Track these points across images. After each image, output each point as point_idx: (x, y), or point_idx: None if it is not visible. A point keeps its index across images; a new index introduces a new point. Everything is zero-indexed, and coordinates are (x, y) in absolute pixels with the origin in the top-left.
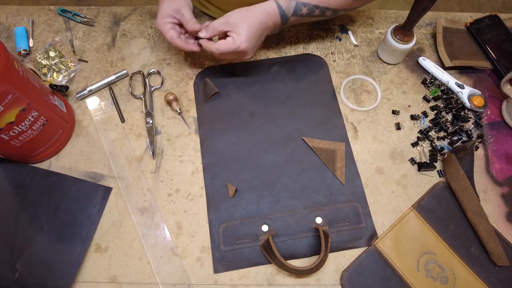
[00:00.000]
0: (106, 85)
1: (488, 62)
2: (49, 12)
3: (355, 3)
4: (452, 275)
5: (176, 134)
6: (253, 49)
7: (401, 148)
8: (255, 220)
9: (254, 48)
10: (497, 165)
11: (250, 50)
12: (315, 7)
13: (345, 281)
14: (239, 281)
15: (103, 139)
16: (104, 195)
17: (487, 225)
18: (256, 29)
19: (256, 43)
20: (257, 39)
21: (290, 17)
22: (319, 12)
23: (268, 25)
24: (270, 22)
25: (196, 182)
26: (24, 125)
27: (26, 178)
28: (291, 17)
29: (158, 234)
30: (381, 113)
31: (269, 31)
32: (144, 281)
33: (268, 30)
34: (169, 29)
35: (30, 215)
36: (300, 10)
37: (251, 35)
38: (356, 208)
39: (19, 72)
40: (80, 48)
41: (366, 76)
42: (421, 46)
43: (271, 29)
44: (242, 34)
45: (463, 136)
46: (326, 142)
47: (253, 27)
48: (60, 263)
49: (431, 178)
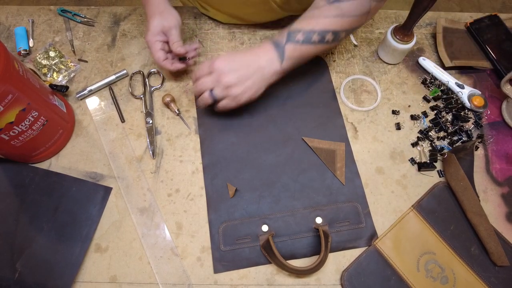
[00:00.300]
0: (106, 85)
1: (488, 62)
2: (49, 12)
3: (355, 22)
4: (452, 275)
5: (176, 134)
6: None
7: (401, 148)
8: (255, 220)
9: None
10: (497, 165)
11: (226, 71)
12: (311, 32)
13: (345, 281)
14: (239, 281)
15: (103, 139)
16: (104, 195)
17: (487, 225)
18: (239, 54)
19: (242, 74)
20: (245, 69)
21: (285, 44)
22: (318, 37)
23: (259, 56)
24: (261, 52)
25: (196, 182)
26: (24, 125)
27: (26, 178)
28: (286, 44)
29: (158, 234)
30: (381, 113)
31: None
32: (144, 281)
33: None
34: (158, 50)
35: (30, 215)
36: (294, 37)
37: (230, 57)
38: (356, 208)
39: (19, 72)
40: (80, 48)
41: (366, 76)
42: (421, 46)
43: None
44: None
45: (463, 136)
46: (326, 142)
47: (235, 52)
48: (60, 263)
49: (431, 178)
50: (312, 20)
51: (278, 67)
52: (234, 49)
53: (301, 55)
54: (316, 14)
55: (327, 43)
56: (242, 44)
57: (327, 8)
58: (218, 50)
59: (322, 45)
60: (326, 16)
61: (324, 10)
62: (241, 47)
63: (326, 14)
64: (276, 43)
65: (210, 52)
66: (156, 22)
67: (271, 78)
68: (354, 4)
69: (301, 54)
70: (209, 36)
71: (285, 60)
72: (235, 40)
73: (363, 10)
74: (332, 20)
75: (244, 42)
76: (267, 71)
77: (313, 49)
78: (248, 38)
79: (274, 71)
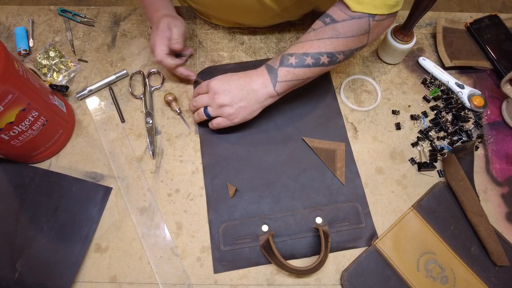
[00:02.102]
0: (106, 85)
1: (488, 62)
2: (49, 12)
3: (351, 43)
4: (452, 275)
5: (176, 134)
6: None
7: (401, 148)
8: (255, 220)
9: (234, 99)
10: (497, 165)
11: (221, 91)
12: (304, 55)
13: (345, 281)
14: (239, 281)
15: (103, 139)
16: (104, 195)
17: (487, 225)
18: (235, 76)
19: (235, 95)
20: (238, 90)
21: (278, 68)
22: (312, 60)
23: (253, 79)
24: (255, 76)
25: (196, 182)
26: (24, 125)
27: (26, 178)
28: (279, 68)
29: (158, 234)
30: (381, 113)
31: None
32: (144, 281)
33: (256, 85)
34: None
35: (30, 215)
36: (287, 60)
37: (225, 78)
38: (356, 208)
39: (19, 72)
40: (80, 48)
41: (366, 76)
42: (421, 46)
43: (260, 85)
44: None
45: (463, 136)
46: (326, 142)
47: (232, 74)
48: (60, 263)
49: (431, 178)
50: (307, 43)
51: (272, 90)
52: (234, 49)
53: (296, 78)
54: (311, 36)
55: (323, 66)
56: (242, 44)
57: (323, 30)
58: (218, 50)
59: (318, 68)
60: (320, 38)
61: (319, 32)
62: (241, 47)
63: (321, 36)
64: (270, 67)
65: (210, 52)
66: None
67: (265, 101)
68: (351, 24)
69: (296, 78)
70: (209, 36)
71: (278, 84)
72: (235, 40)
73: (361, 30)
74: (326, 42)
75: (244, 42)
76: (261, 94)
77: (308, 72)
78: (248, 39)
79: (267, 94)
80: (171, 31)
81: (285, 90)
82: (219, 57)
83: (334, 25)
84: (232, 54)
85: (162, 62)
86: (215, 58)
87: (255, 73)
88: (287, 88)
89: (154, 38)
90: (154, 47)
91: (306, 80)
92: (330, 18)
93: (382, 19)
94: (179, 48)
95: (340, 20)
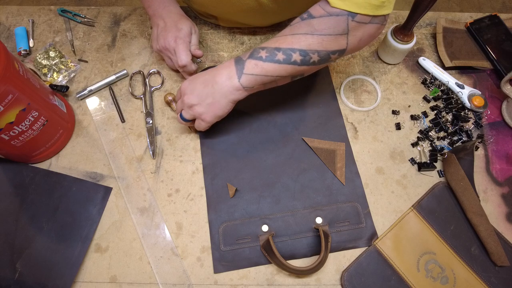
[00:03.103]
0: (106, 85)
1: (488, 62)
2: (49, 12)
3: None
4: (452, 275)
5: (176, 134)
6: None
7: (401, 148)
8: (255, 220)
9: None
10: (497, 165)
11: (187, 91)
12: (276, 50)
13: (345, 281)
14: (239, 281)
15: (103, 139)
16: (104, 195)
17: (487, 225)
18: (202, 73)
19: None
20: (202, 86)
21: (246, 59)
22: (283, 56)
23: (219, 71)
24: (222, 68)
25: (196, 182)
26: (24, 125)
27: (26, 178)
28: (247, 60)
29: (158, 234)
30: (381, 113)
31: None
32: (144, 281)
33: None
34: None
35: (30, 215)
36: (257, 53)
37: (193, 78)
38: (356, 208)
39: (19, 72)
40: (80, 48)
41: (366, 76)
42: (421, 46)
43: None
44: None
45: (463, 136)
46: (326, 142)
47: (199, 73)
48: (60, 263)
49: (431, 178)
50: (281, 38)
51: (237, 82)
52: (235, 49)
53: (264, 73)
54: (286, 31)
55: (295, 64)
56: (242, 44)
57: (298, 25)
58: (218, 50)
59: (290, 66)
60: (295, 34)
61: (295, 28)
62: (241, 47)
63: (295, 32)
64: (238, 58)
65: (210, 52)
66: (188, 23)
67: (231, 94)
68: (327, 21)
69: (264, 73)
70: (209, 36)
71: (244, 76)
72: (235, 40)
73: (338, 29)
74: (300, 37)
75: (244, 42)
76: (225, 87)
77: (278, 69)
78: (248, 38)
79: (232, 86)
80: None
81: (252, 85)
82: (219, 57)
83: (310, 21)
84: (232, 54)
85: (186, 67)
86: (215, 58)
87: (222, 65)
88: (254, 83)
89: (171, 38)
90: (179, 51)
91: (277, 78)
92: (308, 14)
93: (364, 21)
94: (201, 54)
95: (317, 16)
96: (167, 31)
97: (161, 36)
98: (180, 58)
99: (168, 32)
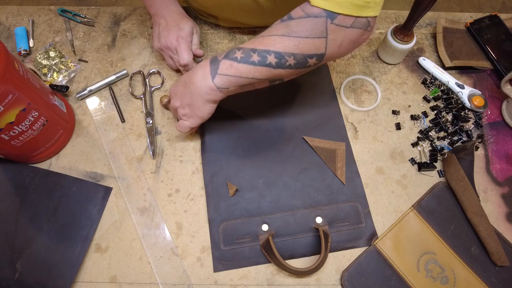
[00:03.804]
0: (106, 85)
1: (488, 62)
2: (49, 12)
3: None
4: (452, 275)
5: (176, 134)
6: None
7: (401, 148)
8: (255, 220)
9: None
10: (497, 165)
11: (172, 94)
12: (251, 51)
13: (345, 281)
14: (239, 281)
15: (103, 139)
16: (104, 195)
17: (487, 225)
18: (183, 77)
19: (181, 94)
20: (182, 87)
21: (221, 60)
22: (258, 58)
23: (195, 72)
24: (198, 68)
25: (196, 182)
26: (24, 125)
27: (26, 178)
28: (222, 60)
29: (158, 234)
30: (381, 113)
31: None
32: (144, 281)
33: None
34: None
35: (30, 215)
36: (233, 54)
37: (177, 81)
38: (356, 208)
39: (19, 72)
40: (80, 48)
41: (366, 76)
42: (421, 46)
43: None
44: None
45: (463, 136)
46: (326, 142)
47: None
48: (60, 263)
49: (431, 178)
50: (258, 39)
51: (210, 82)
52: None
53: (239, 74)
54: (265, 33)
55: (270, 66)
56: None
57: (276, 27)
58: (219, 50)
59: (265, 68)
60: (271, 35)
61: (272, 29)
62: None
63: (272, 33)
64: (214, 58)
65: (210, 52)
66: (190, 23)
67: (207, 95)
68: (305, 22)
69: (239, 74)
70: (209, 36)
71: (218, 76)
72: (235, 40)
73: (315, 31)
74: (276, 39)
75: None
76: (200, 87)
77: (253, 71)
78: (248, 39)
79: (207, 87)
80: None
81: (226, 86)
82: None
83: (288, 22)
84: None
85: (188, 66)
86: None
87: (199, 65)
88: (228, 84)
89: (173, 37)
90: (181, 50)
91: (253, 80)
92: (288, 16)
93: (345, 24)
94: (202, 54)
95: (296, 17)
96: (169, 30)
97: (163, 35)
98: (182, 57)
99: (170, 31)
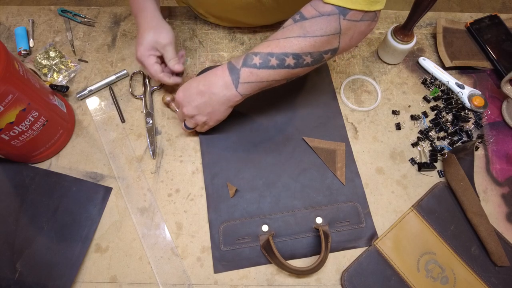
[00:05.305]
0: (106, 85)
1: (488, 62)
2: (49, 12)
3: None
4: (452, 275)
5: (176, 134)
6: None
7: (401, 148)
8: (255, 220)
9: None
10: (497, 165)
11: (184, 103)
12: (269, 55)
13: (345, 281)
14: (239, 281)
15: (103, 139)
16: (104, 195)
17: (487, 225)
18: (195, 82)
19: (199, 103)
20: (199, 96)
21: (241, 68)
22: (276, 61)
23: (214, 82)
24: (216, 78)
25: (196, 182)
26: (24, 125)
27: (26, 178)
28: (241, 68)
29: (158, 234)
30: (381, 113)
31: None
32: (144, 281)
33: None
34: (154, 63)
35: (30, 215)
36: (251, 60)
37: (186, 87)
38: (356, 208)
39: (19, 72)
40: (80, 48)
41: (366, 76)
42: (421, 46)
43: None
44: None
45: (463, 136)
46: (326, 142)
47: (193, 80)
48: (60, 263)
49: (431, 178)
50: (273, 42)
51: (235, 92)
52: (234, 49)
53: (260, 80)
54: (279, 35)
55: (289, 68)
56: (242, 44)
57: (291, 28)
58: (219, 50)
59: (284, 70)
60: (287, 37)
61: (287, 31)
62: (241, 47)
63: (288, 35)
64: (232, 66)
65: (210, 52)
66: (149, 37)
67: (230, 102)
68: (319, 22)
69: (260, 79)
70: (209, 36)
71: (240, 85)
72: (235, 40)
73: (330, 29)
74: (293, 41)
75: (244, 42)
76: (224, 97)
77: (273, 74)
78: (248, 38)
79: (231, 95)
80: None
81: (249, 92)
82: (219, 57)
83: (303, 23)
84: (232, 54)
85: (160, 80)
86: (215, 58)
87: (215, 74)
88: (251, 90)
89: (138, 53)
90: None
91: (273, 82)
92: (300, 15)
93: (356, 18)
94: (181, 69)
95: (309, 17)
96: (138, 43)
97: (136, 48)
98: (150, 75)
99: (139, 45)
